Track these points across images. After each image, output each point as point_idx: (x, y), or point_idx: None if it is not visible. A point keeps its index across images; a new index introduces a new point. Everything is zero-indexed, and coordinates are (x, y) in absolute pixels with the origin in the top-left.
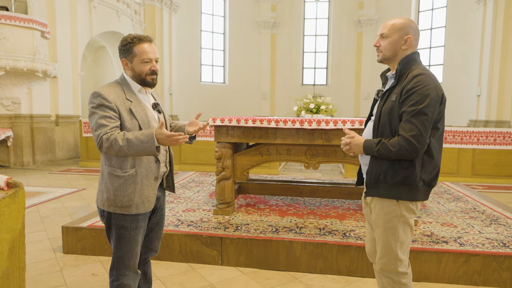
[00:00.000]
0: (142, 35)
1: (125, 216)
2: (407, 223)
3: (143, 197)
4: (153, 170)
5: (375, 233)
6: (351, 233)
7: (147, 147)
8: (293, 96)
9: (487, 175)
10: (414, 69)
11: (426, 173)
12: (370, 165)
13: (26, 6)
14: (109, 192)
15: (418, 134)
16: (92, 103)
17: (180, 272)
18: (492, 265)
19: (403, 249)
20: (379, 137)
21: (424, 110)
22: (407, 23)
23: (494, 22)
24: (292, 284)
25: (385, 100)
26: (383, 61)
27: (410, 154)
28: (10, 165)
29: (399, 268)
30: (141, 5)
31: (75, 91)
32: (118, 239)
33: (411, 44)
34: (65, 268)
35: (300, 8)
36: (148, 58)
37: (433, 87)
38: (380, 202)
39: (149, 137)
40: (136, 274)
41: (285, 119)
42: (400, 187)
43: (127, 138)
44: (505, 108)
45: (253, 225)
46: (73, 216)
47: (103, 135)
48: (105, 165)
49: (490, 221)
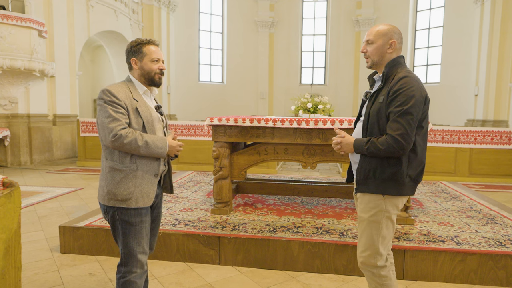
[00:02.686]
0: (151, 39)
1: (128, 211)
2: (390, 219)
3: (143, 192)
4: (154, 167)
5: (359, 227)
6: (348, 233)
7: (160, 152)
8: (291, 95)
9: (484, 175)
10: (400, 71)
11: (412, 169)
12: (360, 162)
13: (23, 5)
14: (110, 185)
15: (404, 133)
16: (102, 99)
17: (177, 272)
18: (489, 264)
19: (384, 243)
20: (368, 136)
21: (410, 110)
22: (391, 28)
23: (492, 22)
24: (290, 283)
25: (373, 102)
26: (372, 67)
27: (397, 151)
28: (7, 165)
29: (378, 262)
30: (139, 4)
31: (72, 90)
32: (124, 235)
33: (395, 48)
34: (62, 267)
35: (298, 7)
36: (157, 57)
37: (417, 89)
38: (366, 197)
39: (163, 143)
40: (143, 271)
41: (283, 119)
42: (388, 182)
43: (146, 141)
44: (502, 107)
45: (250, 225)
46: (71, 216)
47: (120, 130)
48: (107, 160)
49: (487, 220)
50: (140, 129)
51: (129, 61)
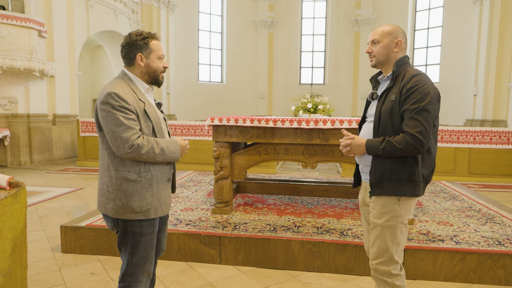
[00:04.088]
0: (153, 32)
1: (142, 222)
2: (404, 224)
3: (161, 200)
4: (166, 172)
5: (371, 233)
6: (348, 232)
7: (174, 157)
8: (290, 95)
9: (483, 174)
10: (409, 70)
11: (425, 168)
12: (373, 164)
13: (23, 5)
14: (123, 199)
15: (423, 130)
16: (109, 104)
17: (178, 271)
18: (487, 263)
19: (398, 251)
20: (380, 137)
21: (427, 107)
22: (395, 28)
23: (491, 22)
24: (290, 282)
25: (383, 101)
26: (377, 66)
27: (417, 149)
28: (7, 165)
29: (392, 269)
30: (138, 4)
31: (72, 90)
32: (134, 246)
33: (401, 47)
34: (63, 267)
35: (298, 7)
36: (162, 54)
37: (431, 86)
38: (380, 201)
39: (177, 147)
40: (148, 279)
41: (283, 119)
42: (405, 184)
43: (162, 148)
44: (501, 107)
45: (251, 224)
46: (71, 216)
47: (136, 140)
48: (117, 171)
49: (486, 219)
50: (150, 134)
51: (131, 56)
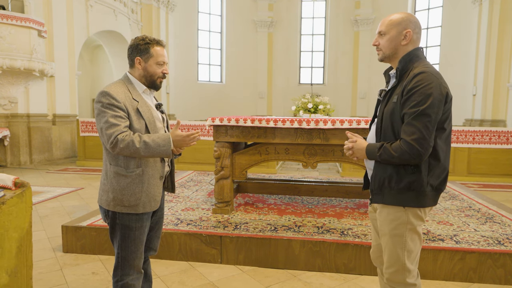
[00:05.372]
0: (159, 39)
1: (130, 216)
2: (415, 231)
3: (150, 196)
4: (158, 170)
5: (382, 241)
6: (348, 232)
7: (163, 150)
8: (290, 95)
9: (482, 174)
10: (416, 66)
11: (434, 177)
12: (374, 170)
13: (22, 5)
14: (116, 191)
15: (420, 138)
16: (100, 102)
17: (180, 271)
18: (487, 262)
19: (411, 258)
20: (382, 141)
21: (427, 111)
22: (405, 17)
23: (490, 22)
24: (291, 282)
25: (386, 101)
26: (383, 60)
27: (413, 159)
28: (7, 165)
29: (407, 278)
30: (138, 4)
31: (72, 90)
32: (123, 239)
33: (411, 39)
34: (65, 267)
35: (297, 7)
36: (162, 60)
37: (436, 86)
38: (385, 208)
39: (166, 140)
40: (140, 274)
41: (284, 119)
42: (406, 193)
43: (144, 141)
44: (500, 107)
45: (252, 224)
46: (72, 216)
47: (117, 135)
48: (111, 165)
49: (486, 219)
50: (142, 131)
51: (132, 59)
